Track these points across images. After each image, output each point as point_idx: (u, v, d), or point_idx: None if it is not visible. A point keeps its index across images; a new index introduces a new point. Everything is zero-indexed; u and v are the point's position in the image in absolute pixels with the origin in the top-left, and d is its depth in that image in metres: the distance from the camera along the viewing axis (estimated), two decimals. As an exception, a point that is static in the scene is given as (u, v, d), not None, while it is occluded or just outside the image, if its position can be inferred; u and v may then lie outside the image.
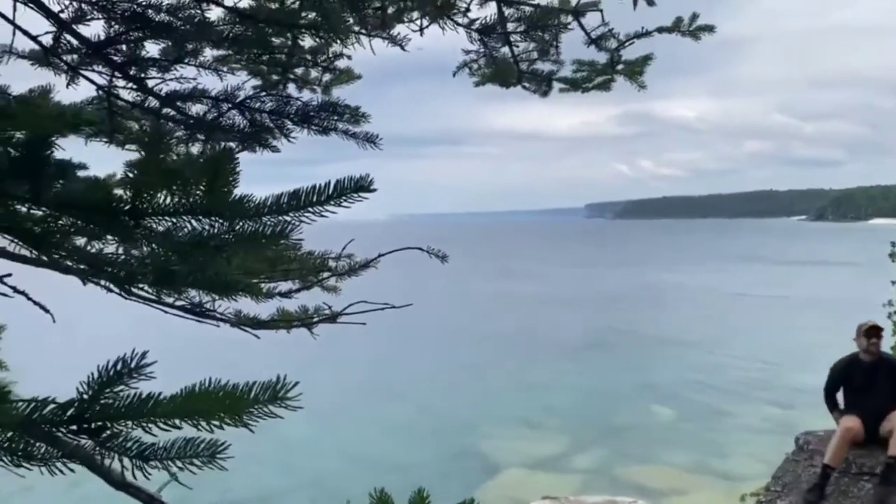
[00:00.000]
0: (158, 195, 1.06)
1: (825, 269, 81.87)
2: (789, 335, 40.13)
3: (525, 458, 22.59)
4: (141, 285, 1.54)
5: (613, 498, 20.60)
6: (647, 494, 20.80)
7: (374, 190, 1.13)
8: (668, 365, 37.00)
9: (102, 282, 1.50)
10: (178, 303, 1.70)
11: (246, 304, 1.89)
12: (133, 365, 0.93)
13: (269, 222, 1.13)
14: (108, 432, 0.97)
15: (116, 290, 1.57)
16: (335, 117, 2.18)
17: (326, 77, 2.67)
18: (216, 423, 0.96)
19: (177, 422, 0.96)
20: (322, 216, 1.14)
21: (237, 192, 1.11)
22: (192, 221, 1.12)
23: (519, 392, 32.04)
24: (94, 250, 1.35)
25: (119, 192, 1.09)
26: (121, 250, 1.36)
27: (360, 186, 1.11)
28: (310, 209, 1.12)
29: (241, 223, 1.12)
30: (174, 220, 1.11)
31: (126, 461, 1.00)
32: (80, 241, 1.37)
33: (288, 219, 1.12)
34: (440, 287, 75.17)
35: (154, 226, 1.12)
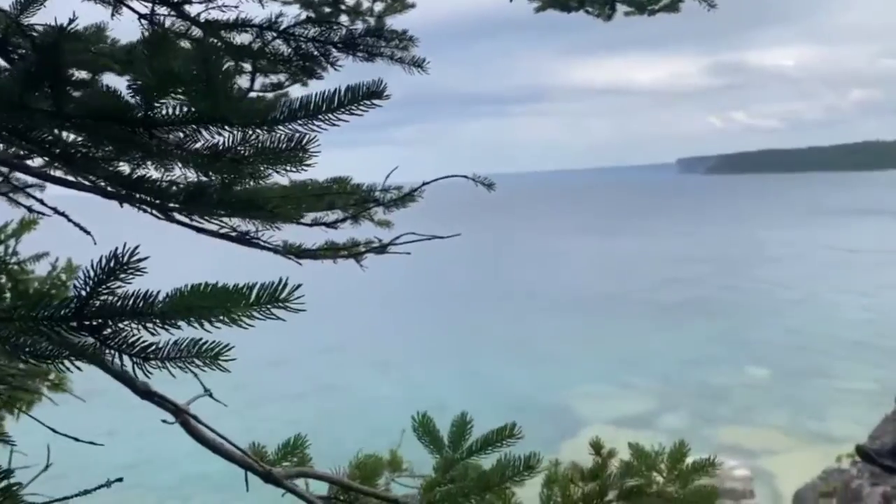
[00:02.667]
0: (166, 102, 1.03)
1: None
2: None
3: (612, 416, 22.40)
4: (181, 211, 1.53)
5: (703, 457, 20.28)
6: (735, 455, 20.34)
7: (388, 97, 1.07)
8: (770, 324, 35.74)
9: (142, 207, 1.51)
10: (223, 230, 1.69)
11: (294, 234, 1.88)
12: (125, 260, 0.91)
13: (283, 133, 1.08)
14: (109, 330, 0.97)
15: (158, 214, 1.57)
16: (382, 42, 2.10)
17: (379, 6, 2.57)
18: (215, 320, 0.93)
19: (177, 321, 0.94)
20: (335, 125, 1.08)
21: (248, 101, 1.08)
22: (203, 132, 1.08)
23: (610, 351, 31.70)
24: (130, 173, 1.35)
25: (131, 100, 1.06)
26: (155, 172, 1.35)
27: (373, 93, 1.05)
28: (321, 116, 1.06)
29: (254, 133, 1.09)
30: (185, 130, 1.08)
31: (127, 360, 0.99)
32: (120, 166, 1.37)
33: (301, 129, 1.07)
34: (530, 246, 74.75)
35: (168, 137, 1.10)
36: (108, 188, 1.45)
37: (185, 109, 1.06)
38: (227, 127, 1.08)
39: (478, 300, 45.64)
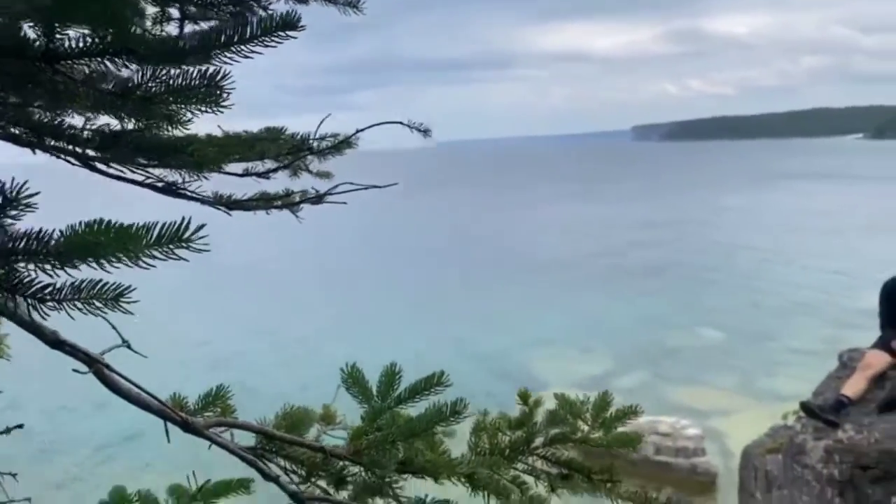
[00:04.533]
0: (69, 32, 0.96)
1: (881, 188, 78.96)
2: (850, 256, 38.97)
3: (571, 378, 22.73)
4: (100, 159, 1.45)
5: (656, 418, 20.78)
6: (688, 415, 20.88)
7: (303, 28, 1.01)
8: (724, 287, 36.52)
9: (58, 155, 1.42)
10: (148, 181, 1.61)
11: (227, 187, 1.81)
12: (14, 195, 0.84)
13: (195, 68, 1.02)
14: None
15: (76, 162, 1.48)
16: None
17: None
18: (114, 260, 0.88)
19: (75, 261, 0.88)
20: (248, 57, 1.02)
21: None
22: (109, 65, 1.01)
23: (570, 314, 32.10)
24: (40, 116, 1.27)
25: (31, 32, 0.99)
26: (70, 119, 1.27)
27: (288, 23, 0.99)
28: (234, 47, 1.00)
29: (163, 68, 1.02)
30: (90, 64, 1.01)
31: (21, 301, 0.93)
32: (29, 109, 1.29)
33: (215, 64, 1.00)
34: (493, 213, 74.92)
35: (72, 73, 1.02)
36: (20, 135, 1.37)
37: (90, 40, 0.99)
38: (134, 60, 1.01)
39: (441, 265, 45.76)
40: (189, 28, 2.32)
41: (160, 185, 1.61)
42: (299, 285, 39.33)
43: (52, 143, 1.34)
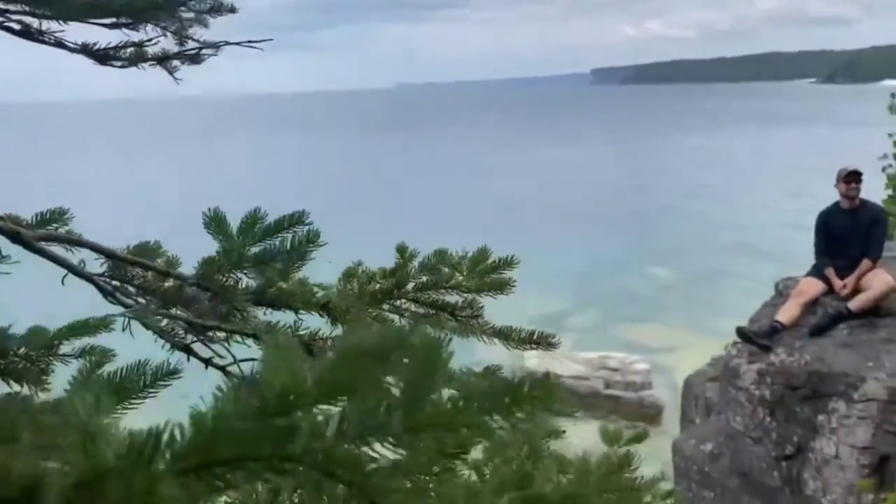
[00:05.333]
0: None
1: (831, 131, 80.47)
2: (800, 197, 39.80)
3: (522, 317, 22.98)
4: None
5: (606, 353, 21.30)
6: (638, 351, 21.41)
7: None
8: (674, 229, 37.11)
9: None
10: (8, 24, 1.49)
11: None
12: None
13: None
14: None
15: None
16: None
17: None
18: None
19: None
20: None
21: None
22: None
23: (521, 256, 32.24)
24: None
25: None
26: None
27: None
28: None
29: None
30: None
31: None
32: None
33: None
34: (455, 158, 74.51)
35: None
36: None
37: None
38: None
39: (406, 211, 45.56)
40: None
41: (19, 27, 1.48)
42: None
43: None
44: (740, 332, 6.91)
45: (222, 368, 1.36)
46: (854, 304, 6.53)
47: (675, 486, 7.80)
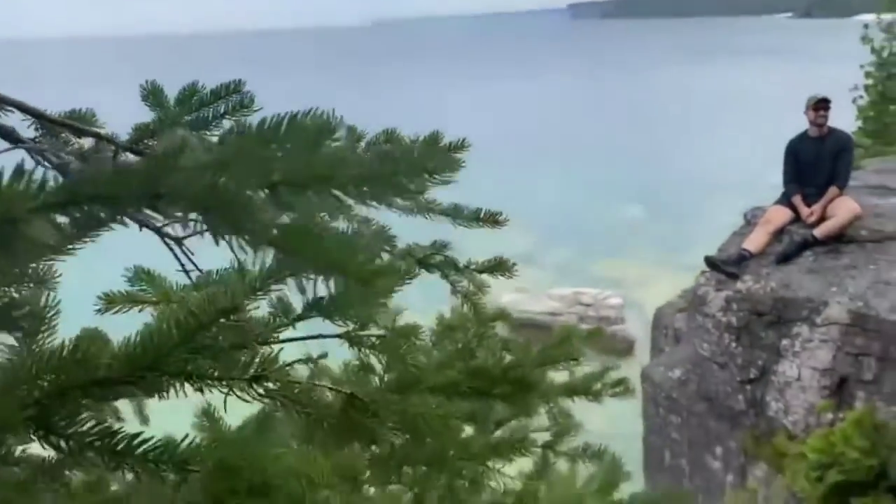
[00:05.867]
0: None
1: (808, 64, 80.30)
2: (776, 132, 39.81)
3: (496, 252, 23.10)
4: None
5: (580, 289, 21.56)
6: (612, 286, 21.69)
7: None
8: (647, 165, 37.14)
9: None
10: None
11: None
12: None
13: None
14: None
15: None
16: None
17: None
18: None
19: None
20: None
21: None
22: None
23: (495, 192, 32.23)
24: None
25: None
26: None
27: None
28: None
29: None
30: None
31: None
32: None
33: None
34: (420, 92, 73.50)
35: None
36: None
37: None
38: None
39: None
40: None
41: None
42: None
43: None
44: (709, 260, 7.00)
45: (157, 230, 1.32)
46: (820, 231, 6.62)
47: (644, 411, 8.02)
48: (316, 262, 0.95)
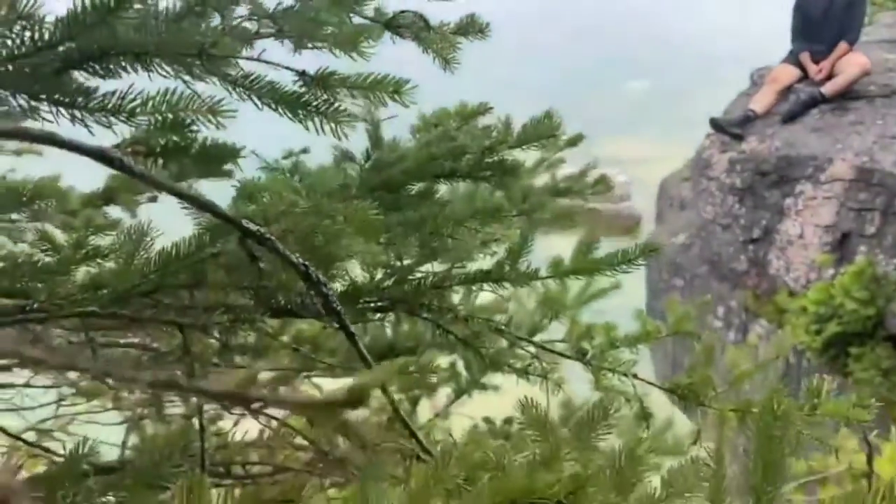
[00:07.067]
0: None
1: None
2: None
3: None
4: None
5: (585, 168, 21.46)
6: (617, 164, 21.57)
7: None
8: (649, 38, 36.05)
9: None
10: None
11: None
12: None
13: None
14: None
15: None
16: None
17: None
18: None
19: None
20: None
21: None
22: None
23: (494, 78, 31.57)
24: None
25: None
26: None
27: None
28: None
29: None
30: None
31: None
32: None
33: None
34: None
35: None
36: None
37: None
38: None
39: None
40: None
41: None
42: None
43: None
44: (713, 122, 6.93)
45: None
46: (827, 88, 6.51)
47: (647, 278, 8.17)
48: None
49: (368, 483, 0.84)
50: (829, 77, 6.59)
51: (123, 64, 0.92)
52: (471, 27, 1.38)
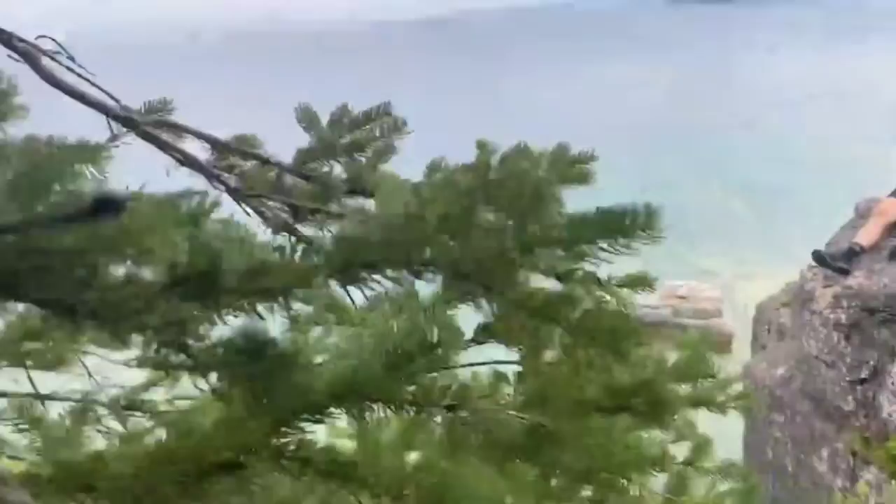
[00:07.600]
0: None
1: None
2: (887, 117, 37.47)
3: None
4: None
5: (675, 281, 20.99)
6: (709, 278, 21.06)
7: None
8: (751, 151, 35.68)
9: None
10: None
11: None
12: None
13: None
14: None
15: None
16: None
17: None
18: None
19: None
20: None
21: None
22: None
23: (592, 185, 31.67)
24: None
25: None
26: None
27: None
28: None
29: None
30: None
31: None
32: None
33: None
34: (511, 88, 73.10)
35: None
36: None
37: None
38: None
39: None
40: None
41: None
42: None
43: None
44: (816, 255, 6.74)
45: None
46: (939, 226, 6.28)
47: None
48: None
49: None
50: (942, 214, 6.37)
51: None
52: (639, 282, 1.46)
